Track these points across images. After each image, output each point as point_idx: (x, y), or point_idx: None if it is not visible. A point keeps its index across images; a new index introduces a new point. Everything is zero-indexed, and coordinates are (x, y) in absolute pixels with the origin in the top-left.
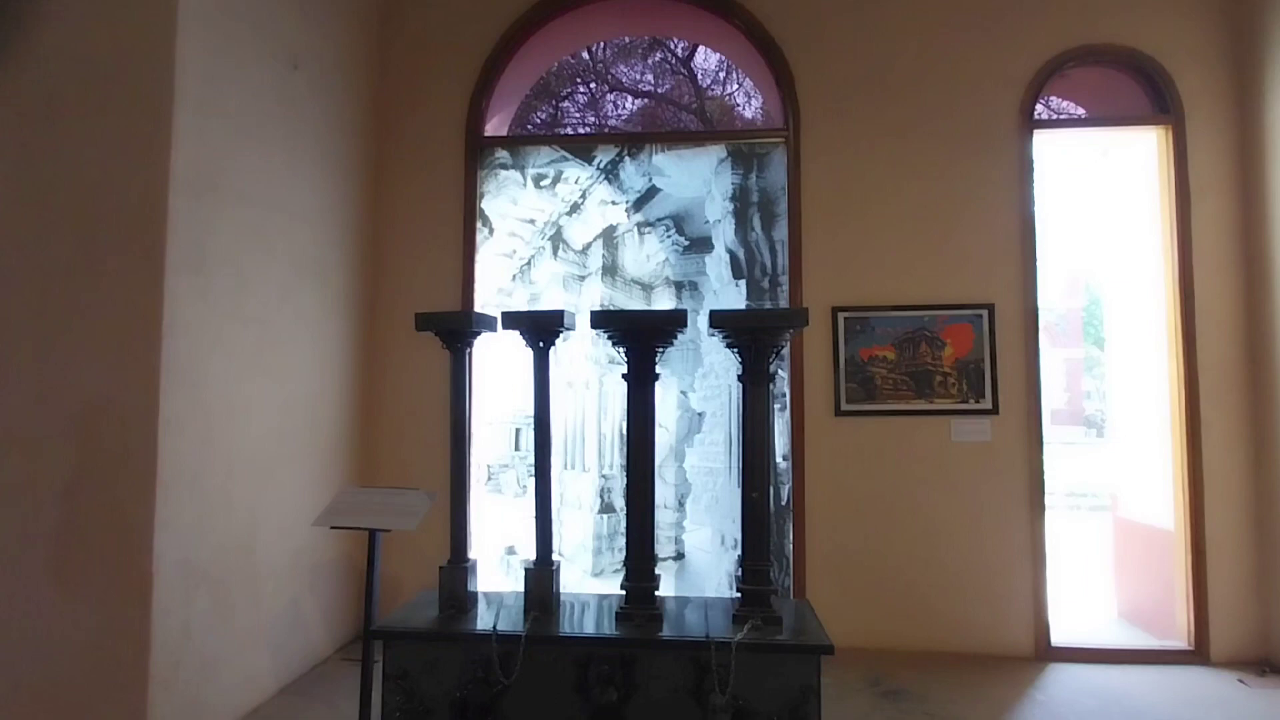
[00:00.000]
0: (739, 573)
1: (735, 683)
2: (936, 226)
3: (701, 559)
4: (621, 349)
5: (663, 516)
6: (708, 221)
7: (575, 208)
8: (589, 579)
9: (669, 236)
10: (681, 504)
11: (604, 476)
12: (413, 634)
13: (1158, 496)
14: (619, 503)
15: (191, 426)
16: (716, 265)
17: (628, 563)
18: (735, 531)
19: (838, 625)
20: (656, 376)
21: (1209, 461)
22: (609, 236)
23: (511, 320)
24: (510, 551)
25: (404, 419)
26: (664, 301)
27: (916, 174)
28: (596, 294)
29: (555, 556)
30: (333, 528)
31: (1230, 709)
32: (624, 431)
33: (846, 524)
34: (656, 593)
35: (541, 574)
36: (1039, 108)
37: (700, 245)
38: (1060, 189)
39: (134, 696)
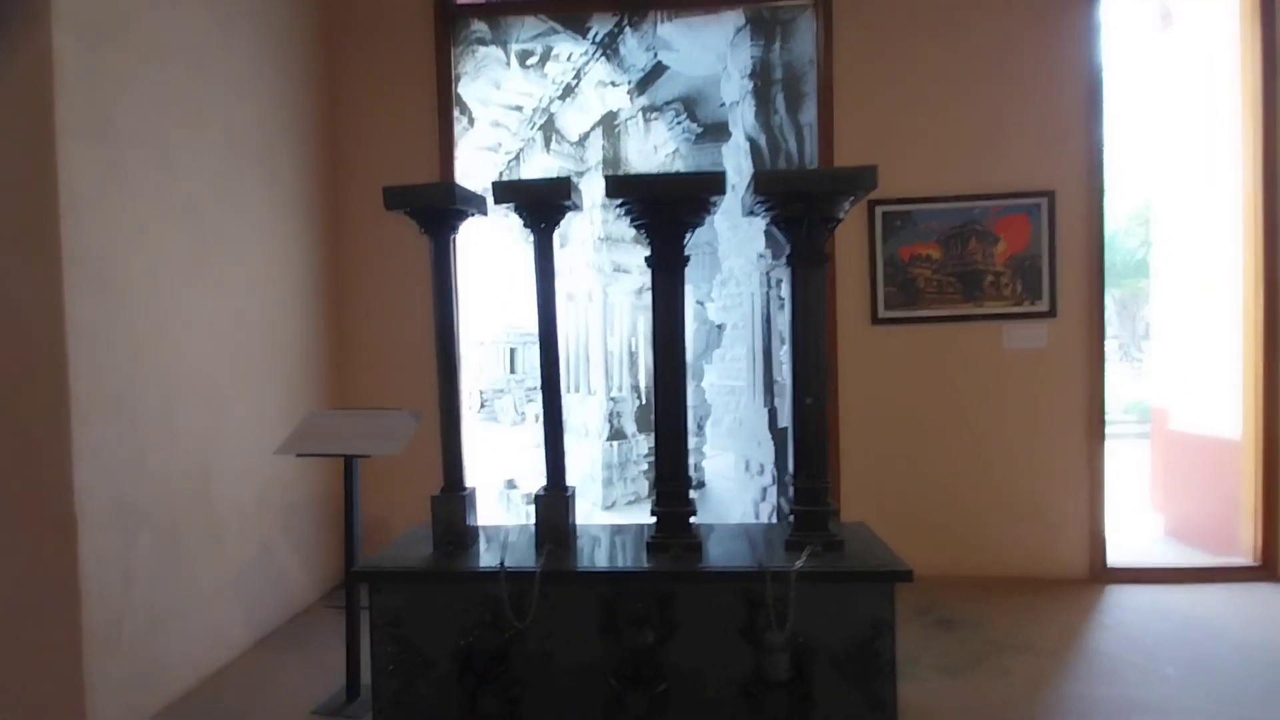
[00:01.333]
0: (790, 492)
1: (794, 617)
2: (989, 104)
3: (724, 487)
4: (643, 228)
5: None
6: (723, 104)
7: (569, 91)
8: (599, 512)
9: (679, 123)
10: (701, 428)
11: (612, 400)
12: (404, 574)
13: (1219, 406)
14: (630, 428)
15: (111, 338)
16: (735, 155)
17: (658, 484)
18: (761, 456)
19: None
20: (686, 260)
21: None
22: (609, 125)
23: (505, 192)
24: (510, 485)
25: (379, 334)
26: None
27: (966, 44)
28: (597, 192)
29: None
30: (299, 455)
31: None
32: (632, 349)
33: (885, 443)
34: (693, 519)
35: (554, 500)
36: None
37: (715, 132)
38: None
39: (67, 657)
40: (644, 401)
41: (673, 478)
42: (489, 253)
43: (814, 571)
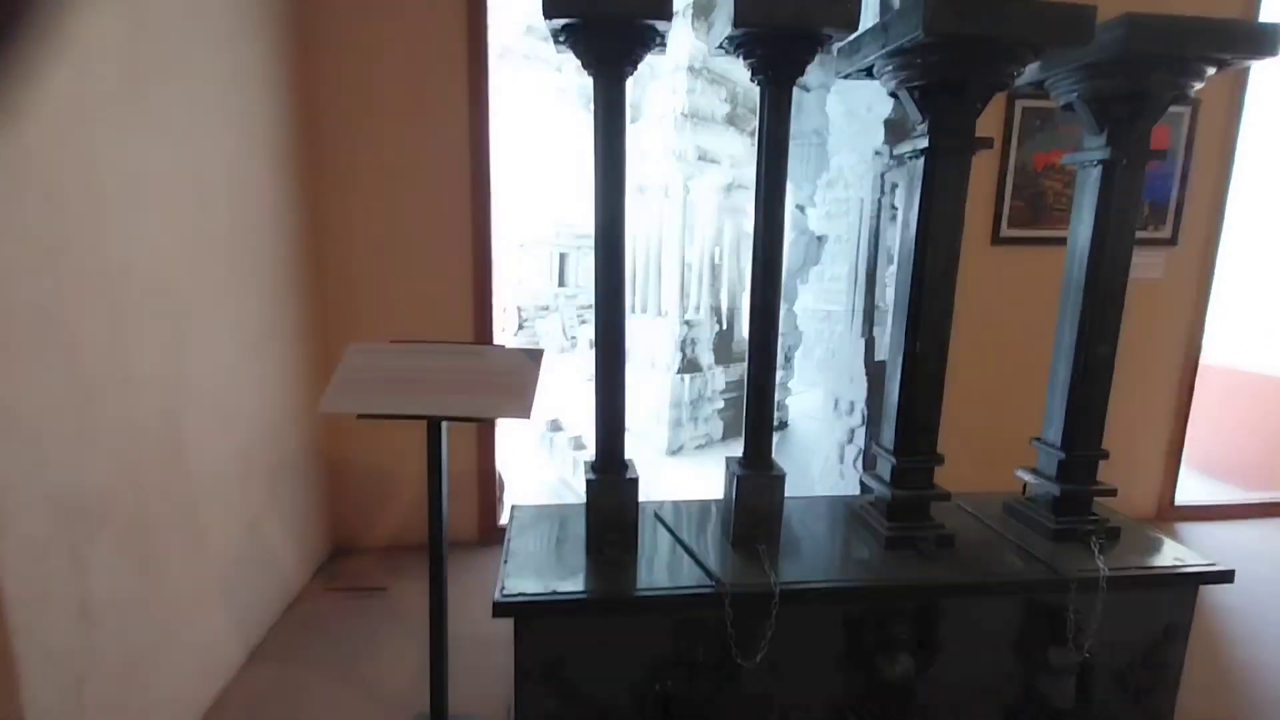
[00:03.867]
0: (1056, 465)
1: (1096, 631)
2: None
3: (807, 428)
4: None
5: None
6: None
7: None
8: (664, 459)
9: None
10: (789, 359)
11: (686, 324)
12: (578, 603)
13: (1256, 341)
14: (705, 358)
15: (14, 220)
16: None
17: (897, 451)
18: (852, 393)
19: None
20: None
21: None
22: None
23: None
24: (554, 428)
25: (384, 233)
26: None
27: None
28: (679, 50)
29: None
30: (363, 416)
31: None
32: (715, 261)
33: (988, 378)
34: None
35: (760, 483)
36: None
37: None
38: None
39: None
40: (724, 327)
41: (916, 449)
42: (533, 122)
43: (1125, 576)
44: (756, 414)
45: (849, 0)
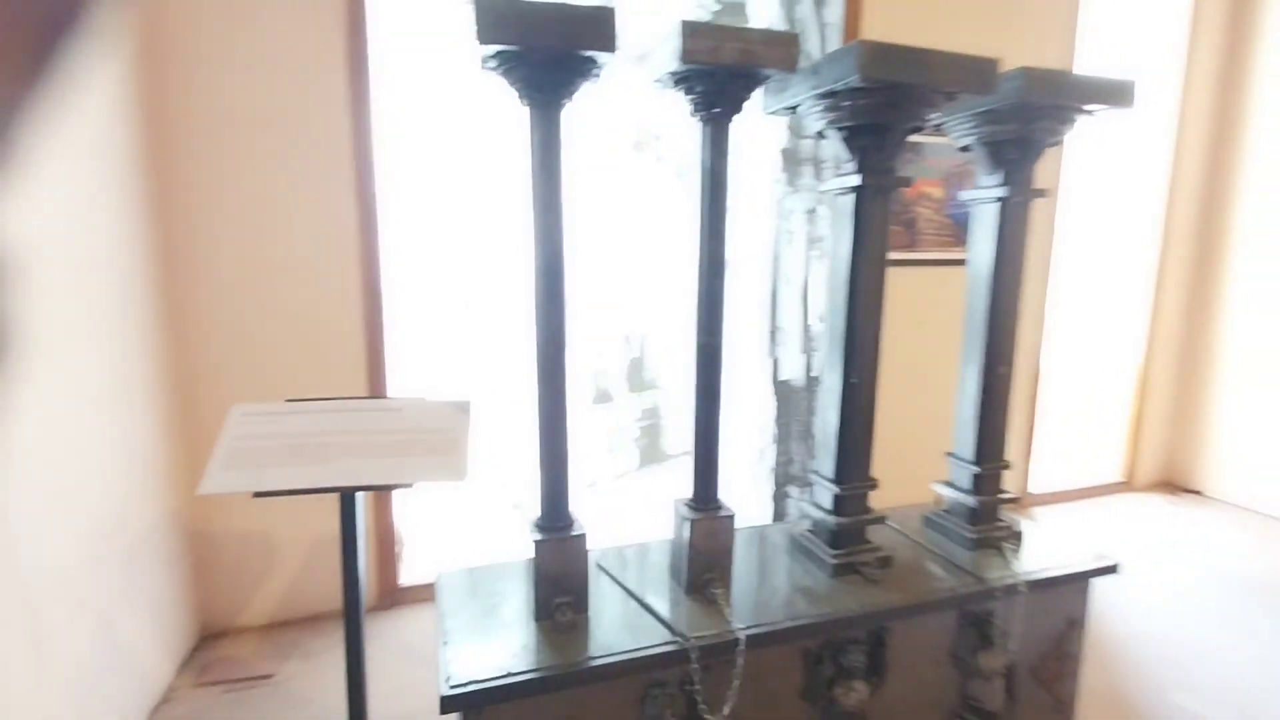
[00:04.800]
0: (971, 480)
1: (1018, 633)
2: (990, 20)
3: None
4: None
5: (675, 401)
6: None
7: None
8: (581, 493)
9: None
10: None
11: (598, 354)
12: (552, 680)
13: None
14: (616, 387)
15: None
16: None
17: (837, 479)
18: (762, 413)
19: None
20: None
21: (1163, 306)
22: None
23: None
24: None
25: (253, 264)
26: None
27: None
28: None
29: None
30: (259, 495)
31: (1169, 521)
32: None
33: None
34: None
35: (711, 527)
36: None
37: (733, 12)
38: None
39: None
40: (639, 354)
41: (854, 477)
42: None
43: (1041, 579)
44: (704, 455)
45: (791, 43)
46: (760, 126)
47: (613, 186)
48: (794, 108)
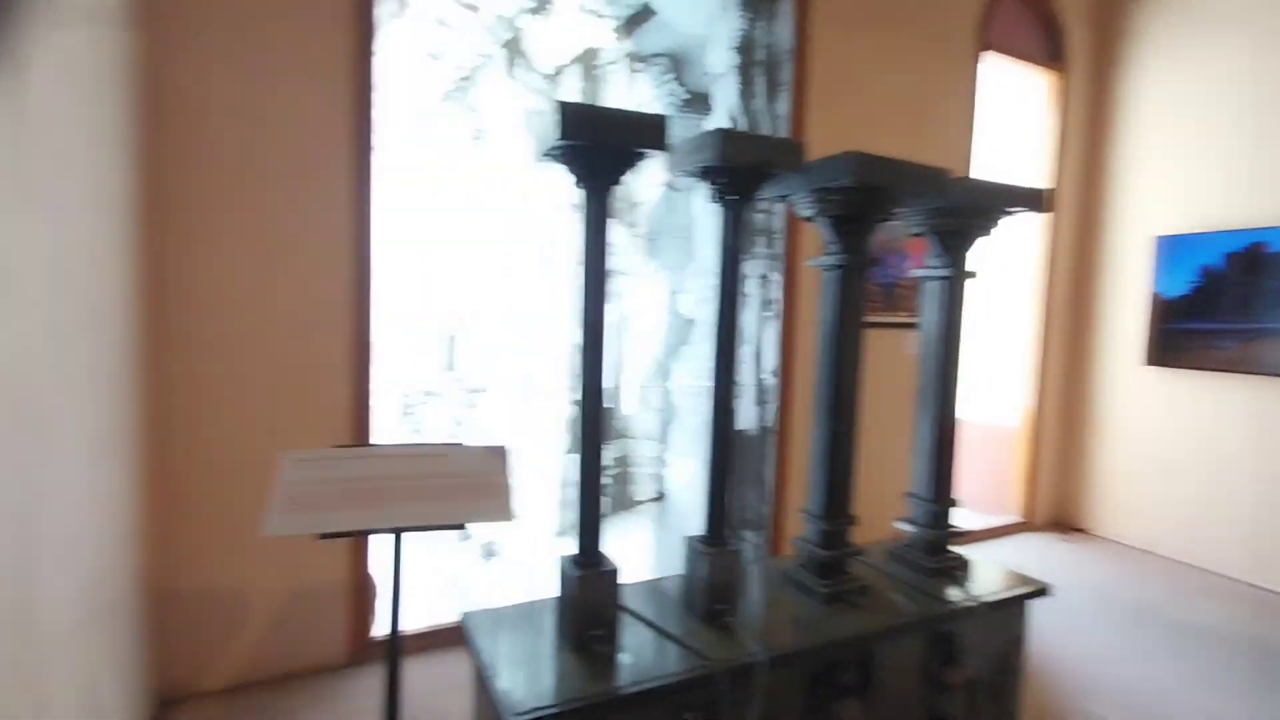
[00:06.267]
0: (930, 515)
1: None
2: (907, 124)
3: (685, 498)
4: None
5: (643, 449)
6: (707, 73)
7: (543, 3)
8: (554, 540)
9: (666, 82)
10: (664, 433)
11: (575, 404)
12: (611, 702)
13: (1001, 400)
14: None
15: None
16: None
17: (820, 521)
18: None
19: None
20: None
21: (1048, 368)
22: (589, 64)
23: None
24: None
25: (240, 312)
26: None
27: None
28: None
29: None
30: (324, 537)
31: (1066, 557)
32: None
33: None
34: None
35: (723, 559)
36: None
37: (699, 104)
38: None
39: None
40: (611, 405)
41: (839, 513)
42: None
43: (998, 600)
44: (716, 495)
45: (798, 151)
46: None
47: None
48: (784, 196)
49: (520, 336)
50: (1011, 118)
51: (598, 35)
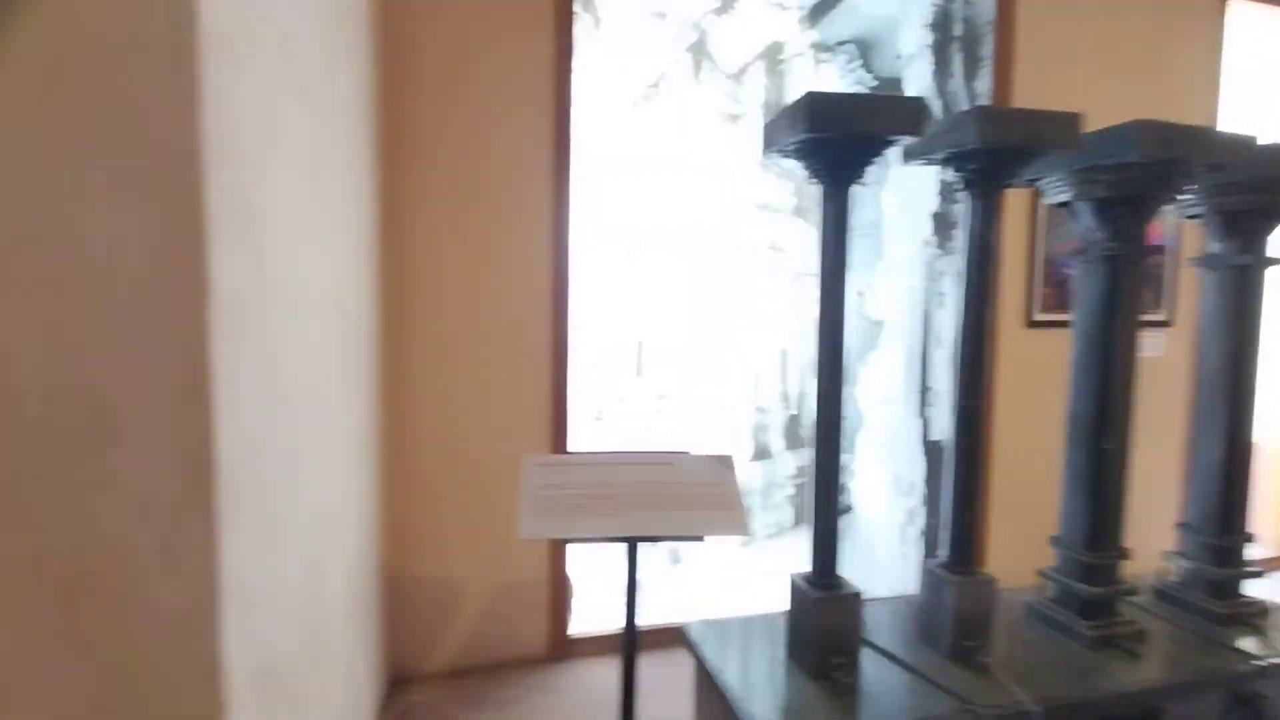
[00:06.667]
0: (1213, 553)
1: None
2: (1134, 89)
3: (875, 512)
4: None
5: None
6: (899, 56)
7: (727, 3)
8: (738, 551)
9: (853, 70)
10: (851, 442)
11: (759, 410)
12: None
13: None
14: (775, 443)
15: (251, 366)
16: None
17: (1088, 547)
18: (912, 473)
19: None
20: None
21: None
22: (772, 59)
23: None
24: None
25: (454, 329)
26: None
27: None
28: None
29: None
30: (566, 541)
31: None
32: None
33: (1029, 456)
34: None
35: (976, 588)
36: None
37: (890, 89)
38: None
39: None
40: (796, 412)
41: (1105, 544)
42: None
43: None
44: (963, 517)
45: (1074, 126)
46: (912, 191)
47: (774, 250)
48: (1034, 180)
49: (706, 343)
50: (1266, 70)
51: (782, 28)
